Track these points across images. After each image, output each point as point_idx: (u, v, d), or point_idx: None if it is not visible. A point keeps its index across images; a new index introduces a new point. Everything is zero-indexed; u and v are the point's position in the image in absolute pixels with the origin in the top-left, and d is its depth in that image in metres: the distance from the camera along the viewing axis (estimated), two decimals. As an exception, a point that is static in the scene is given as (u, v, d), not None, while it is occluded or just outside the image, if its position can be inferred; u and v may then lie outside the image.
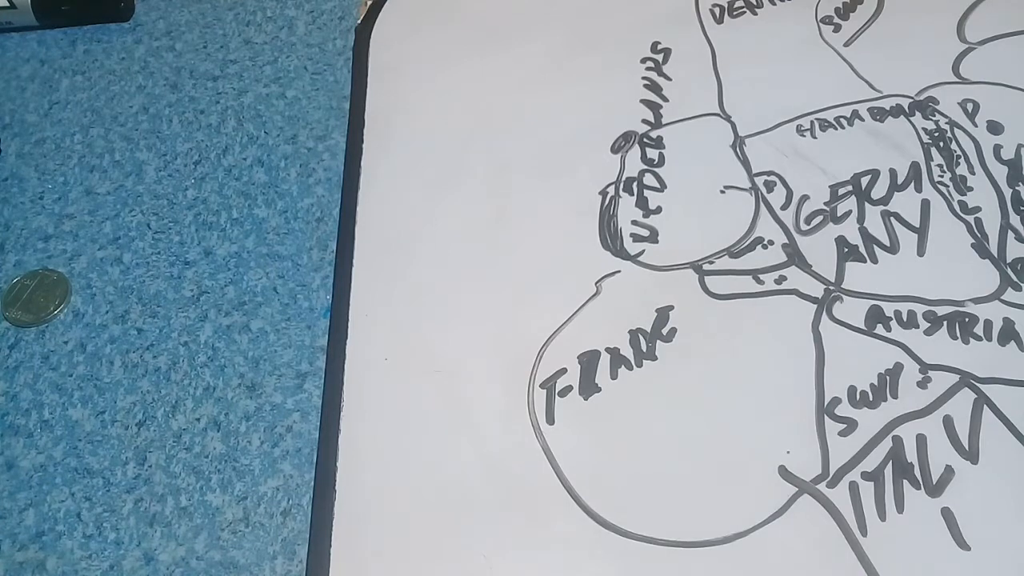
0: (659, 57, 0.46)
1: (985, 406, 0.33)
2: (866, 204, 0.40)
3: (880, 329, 0.36)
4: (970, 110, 0.42)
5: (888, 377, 0.34)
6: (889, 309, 0.36)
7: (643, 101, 0.44)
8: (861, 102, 0.43)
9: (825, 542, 0.31)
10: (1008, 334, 0.35)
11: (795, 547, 0.31)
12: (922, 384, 0.34)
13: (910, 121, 0.42)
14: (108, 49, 0.50)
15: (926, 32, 0.46)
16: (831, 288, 0.37)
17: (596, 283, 0.38)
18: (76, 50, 0.50)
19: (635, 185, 0.41)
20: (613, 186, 0.41)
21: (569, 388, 0.35)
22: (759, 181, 0.41)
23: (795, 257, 0.38)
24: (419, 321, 0.37)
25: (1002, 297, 0.36)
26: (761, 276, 0.38)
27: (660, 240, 0.39)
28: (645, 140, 0.43)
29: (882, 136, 0.42)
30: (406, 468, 0.34)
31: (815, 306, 0.37)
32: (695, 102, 0.44)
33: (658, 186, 0.41)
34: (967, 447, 0.33)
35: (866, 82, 0.44)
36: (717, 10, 0.48)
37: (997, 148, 0.41)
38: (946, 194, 0.40)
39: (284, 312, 0.39)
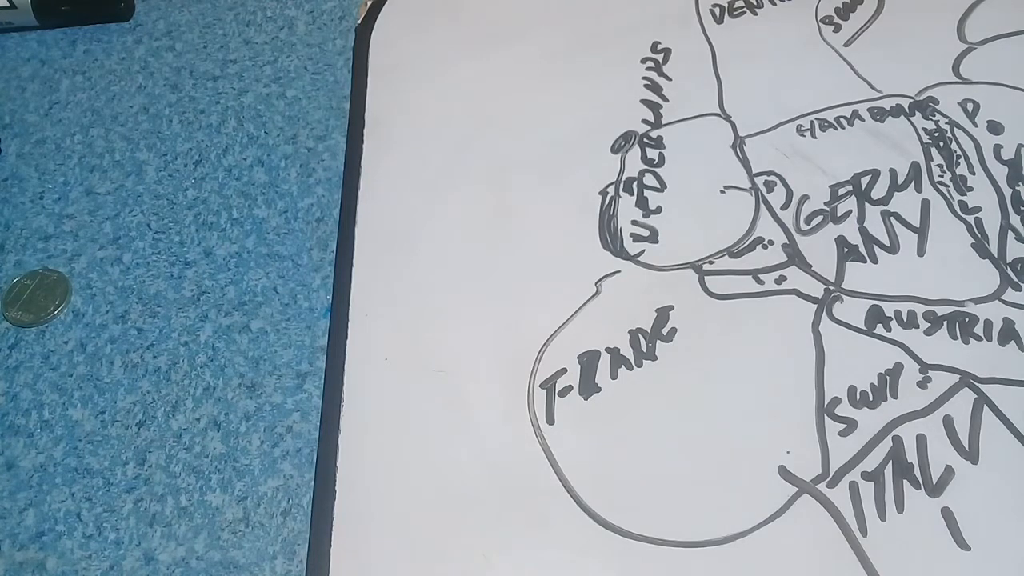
0: (659, 57, 0.46)
1: (985, 406, 0.33)
2: (866, 204, 0.40)
3: (880, 329, 0.36)
4: (970, 110, 0.42)
5: (888, 377, 0.34)
6: (889, 309, 0.36)
7: (643, 101, 0.44)
8: (861, 102, 0.43)
9: (825, 542, 0.31)
10: (1008, 334, 0.35)
11: (795, 547, 0.31)
12: (922, 384, 0.34)
13: (910, 121, 0.42)
14: (108, 49, 0.50)
15: (926, 32, 0.46)
16: (831, 288, 0.37)
17: (596, 283, 0.38)
18: (76, 50, 0.50)
19: (635, 185, 0.41)
20: (613, 186, 0.41)
21: (569, 388, 0.35)
22: (759, 181, 0.41)
23: (795, 257, 0.38)
24: (419, 321, 0.37)
25: (1002, 297, 0.36)
26: (761, 276, 0.38)
27: (660, 240, 0.39)
28: (645, 140, 0.43)
29: (882, 136, 0.42)
30: (406, 468, 0.34)
31: (815, 306, 0.37)
32: (695, 102, 0.44)
33: (658, 186, 0.41)
34: (967, 447, 0.33)
35: (866, 82, 0.44)
36: (717, 10, 0.48)
37: (997, 148, 0.41)
38: (946, 194, 0.40)
39: (284, 312, 0.39)
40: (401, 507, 0.33)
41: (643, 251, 0.39)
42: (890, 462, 0.32)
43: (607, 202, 0.40)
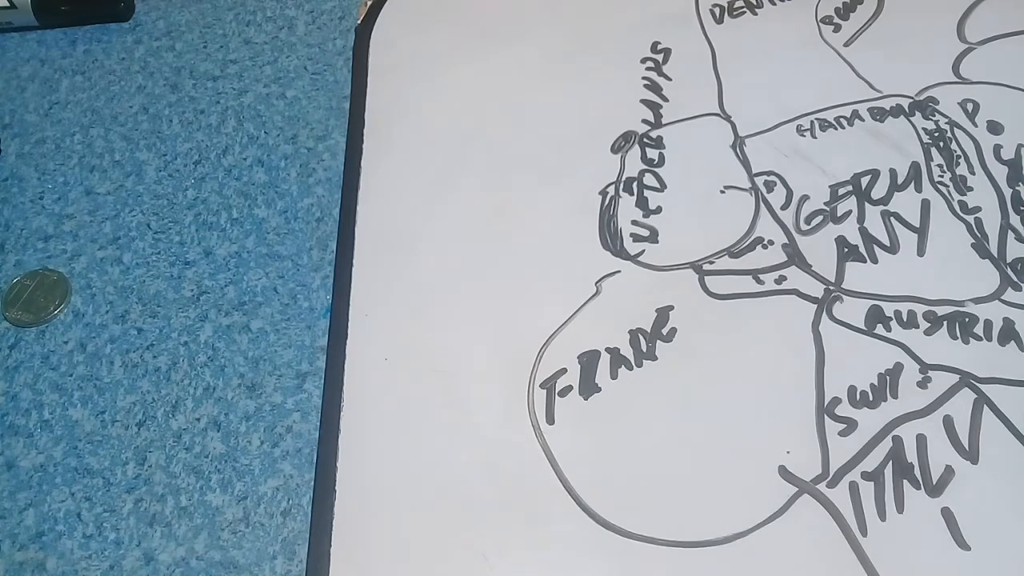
0: (659, 57, 0.46)
1: (985, 406, 0.33)
2: (866, 204, 0.40)
3: (880, 329, 0.36)
4: (970, 110, 0.42)
5: (888, 377, 0.34)
6: (889, 309, 0.36)
7: (643, 101, 0.44)
8: (861, 102, 0.43)
9: (825, 542, 0.31)
10: (1008, 334, 0.35)
11: (795, 547, 0.31)
12: (922, 384, 0.34)
13: (910, 121, 0.42)
14: (108, 49, 0.50)
15: (926, 32, 0.46)
16: (831, 288, 0.37)
17: (596, 283, 0.38)
18: (76, 50, 0.50)
19: (635, 185, 0.41)
20: (613, 186, 0.41)
21: (569, 388, 0.35)
22: (759, 181, 0.41)
23: (795, 257, 0.38)
24: (419, 321, 0.37)
25: (1002, 297, 0.36)
26: (761, 276, 0.38)
27: (660, 240, 0.39)
28: (645, 140, 0.43)
29: (882, 136, 0.42)
30: (406, 468, 0.34)
31: (815, 306, 0.37)
32: (695, 102, 0.44)
33: (658, 186, 0.41)
34: (967, 447, 0.33)
35: (866, 82, 0.44)
36: (717, 10, 0.48)
37: (997, 148, 0.41)
38: (946, 194, 0.40)
39: (284, 312, 0.39)
40: (401, 507, 0.33)
41: (643, 251, 0.39)
42: (890, 462, 0.32)
43: (607, 202, 0.40)
